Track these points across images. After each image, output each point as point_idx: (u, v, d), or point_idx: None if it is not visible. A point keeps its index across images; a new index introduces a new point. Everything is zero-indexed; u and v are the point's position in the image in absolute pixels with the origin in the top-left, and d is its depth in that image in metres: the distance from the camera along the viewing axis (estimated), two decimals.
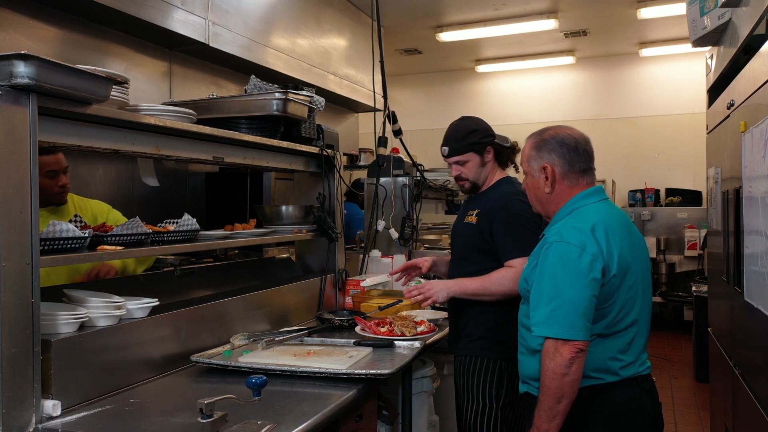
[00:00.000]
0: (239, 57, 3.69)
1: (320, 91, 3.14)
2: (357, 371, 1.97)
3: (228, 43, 3.56)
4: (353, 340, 2.32)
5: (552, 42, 7.27)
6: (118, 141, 1.94)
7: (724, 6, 2.59)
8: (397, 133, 3.87)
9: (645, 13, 6.01)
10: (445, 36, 6.65)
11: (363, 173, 4.24)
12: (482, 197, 2.42)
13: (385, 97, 3.86)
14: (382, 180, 3.76)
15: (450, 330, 2.48)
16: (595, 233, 1.66)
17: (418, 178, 3.95)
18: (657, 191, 7.50)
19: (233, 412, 1.51)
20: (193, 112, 2.20)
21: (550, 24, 6.27)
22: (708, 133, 3.42)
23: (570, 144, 1.80)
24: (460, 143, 2.38)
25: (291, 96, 2.57)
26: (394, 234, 3.68)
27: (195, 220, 2.19)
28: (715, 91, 3.14)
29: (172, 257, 2.73)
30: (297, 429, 1.57)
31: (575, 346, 1.57)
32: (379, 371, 1.98)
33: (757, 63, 2.17)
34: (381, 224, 3.66)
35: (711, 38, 2.90)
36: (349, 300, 3.13)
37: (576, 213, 1.76)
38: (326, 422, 1.69)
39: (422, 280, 2.69)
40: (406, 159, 3.90)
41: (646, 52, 7.46)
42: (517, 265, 2.18)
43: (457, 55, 7.82)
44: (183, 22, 3.19)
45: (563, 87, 8.23)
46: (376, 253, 3.57)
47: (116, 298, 1.91)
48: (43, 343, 1.56)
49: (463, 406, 2.33)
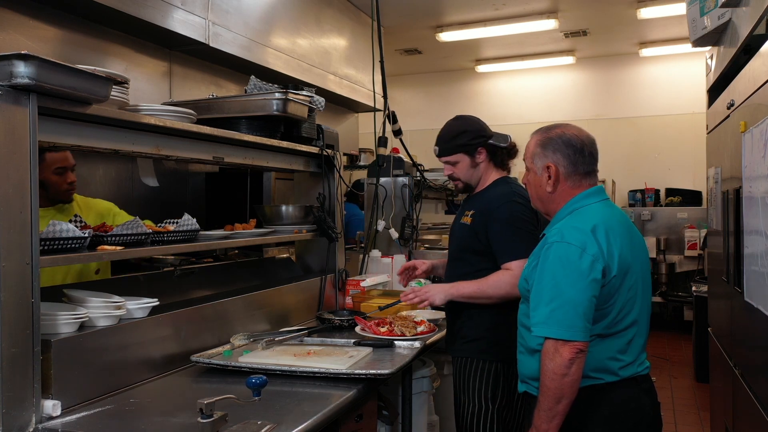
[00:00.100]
0: (239, 57, 3.69)
1: (320, 91, 3.14)
2: (357, 371, 1.97)
3: (228, 43, 3.57)
4: (353, 340, 2.32)
5: (552, 42, 7.27)
6: (118, 141, 1.94)
7: (724, 6, 2.59)
8: (397, 133, 3.87)
9: (645, 13, 6.01)
10: (445, 36, 6.65)
11: (363, 173, 4.23)
12: (477, 198, 2.40)
13: (385, 97, 3.86)
14: (382, 180, 3.76)
15: (447, 331, 2.48)
16: (596, 234, 1.65)
17: (418, 178, 3.95)
18: (657, 191, 7.50)
19: (233, 412, 1.51)
20: (193, 112, 2.20)
21: (550, 24, 6.27)
22: (708, 133, 3.42)
23: (576, 145, 1.78)
24: (449, 144, 2.37)
25: (291, 96, 2.56)
26: (394, 234, 3.67)
27: (195, 220, 2.19)
28: (715, 91, 3.14)
29: (172, 257, 2.73)
30: (297, 429, 1.57)
31: (575, 347, 1.57)
32: (379, 371, 1.98)
33: (757, 63, 2.17)
34: (381, 224, 3.66)
35: (711, 38, 2.90)
36: (349, 300, 3.13)
37: (577, 213, 1.76)
38: (326, 422, 1.69)
39: (423, 282, 2.69)
40: (406, 159, 3.90)
41: (646, 52, 7.46)
42: (514, 267, 2.17)
43: (457, 55, 7.82)
44: (183, 22, 3.19)
45: (563, 87, 8.23)
46: (376, 253, 3.57)
47: (116, 298, 1.91)
48: (43, 343, 1.56)
49: (460, 408, 2.33)
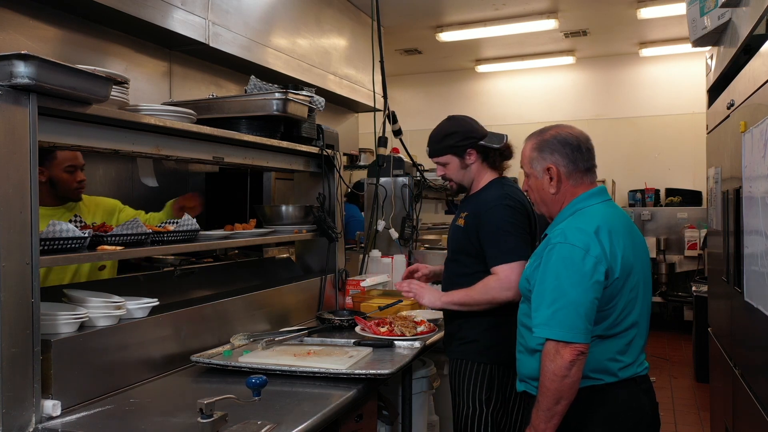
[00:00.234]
0: (239, 57, 3.69)
1: (320, 91, 3.14)
2: (357, 371, 1.97)
3: (228, 43, 3.57)
4: (353, 340, 2.32)
5: (552, 42, 7.27)
6: (118, 141, 1.94)
7: (724, 6, 2.59)
8: (397, 133, 3.87)
9: (645, 13, 6.01)
10: (445, 36, 6.65)
11: (363, 173, 4.23)
12: (471, 200, 2.39)
13: (385, 97, 3.86)
14: (382, 180, 3.76)
15: (444, 332, 2.48)
16: (599, 235, 1.65)
17: (418, 178, 3.95)
18: (657, 191, 7.49)
19: (233, 412, 1.51)
20: (193, 112, 2.20)
21: (550, 24, 6.27)
22: (708, 133, 3.42)
23: (572, 143, 1.78)
24: (438, 145, 2.39)
25: (291, 96, 2.56)
26: (394, 234, 3.67)
27: (195, 220, 2.20)
28: (715, 91, 3.14)
29: (172, 257, 2.73)
30: (297, 429, 1.57)
31: (576, 349, 1.57)
32: (379, 371, 1.98)
33: (757, 63, 2.17)
34: (381, 224, 3.66)
35: (711, 38, 2.90)
36: (349, 300, 3.13)
37: (579, 214, 1.75)
38: (326, 422, 1.69)
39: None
40: (406, 159, 3.90)
41: (646, 52, 7.46)
42: (500, 272, 2.16)
43: (457, 55, 7.82)
44: (183, 22, 3.19)
45: (563, 87, 8.23)
46: (376, 253, 3.57)
47: (116, 298, 1.91)
48: (43, 343, 1.56)
49: (456, 409, 2.33)
